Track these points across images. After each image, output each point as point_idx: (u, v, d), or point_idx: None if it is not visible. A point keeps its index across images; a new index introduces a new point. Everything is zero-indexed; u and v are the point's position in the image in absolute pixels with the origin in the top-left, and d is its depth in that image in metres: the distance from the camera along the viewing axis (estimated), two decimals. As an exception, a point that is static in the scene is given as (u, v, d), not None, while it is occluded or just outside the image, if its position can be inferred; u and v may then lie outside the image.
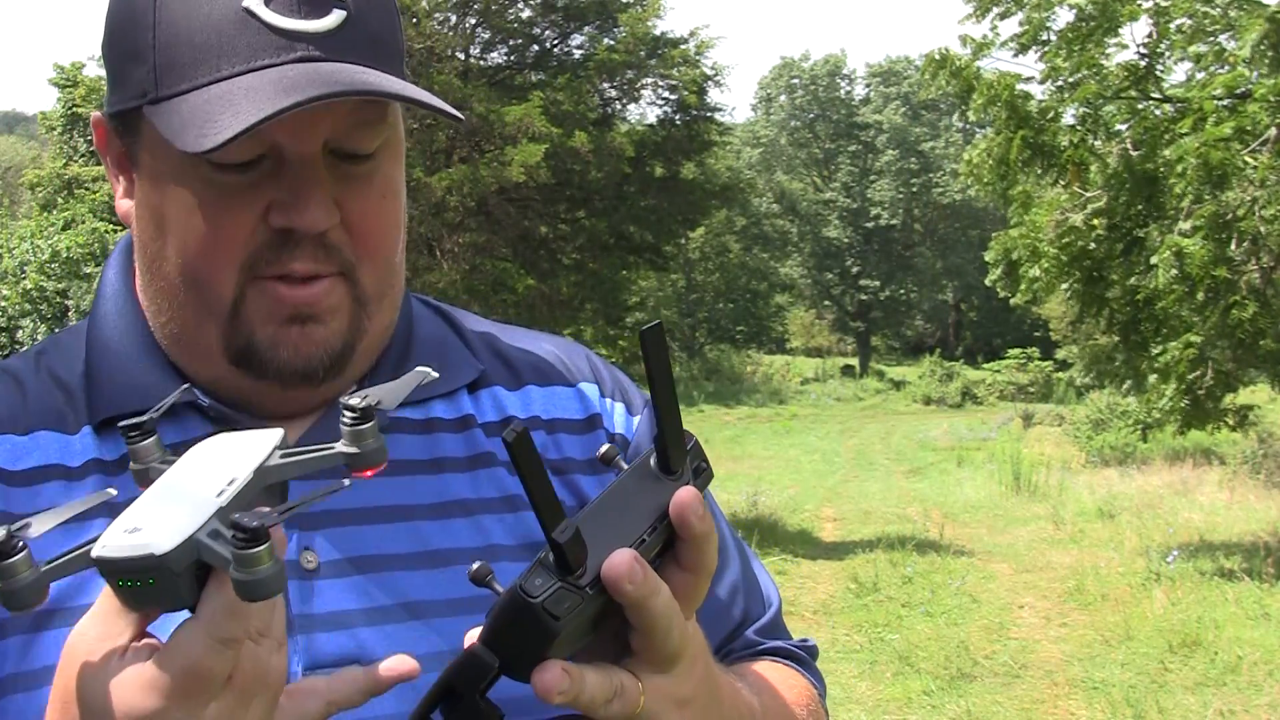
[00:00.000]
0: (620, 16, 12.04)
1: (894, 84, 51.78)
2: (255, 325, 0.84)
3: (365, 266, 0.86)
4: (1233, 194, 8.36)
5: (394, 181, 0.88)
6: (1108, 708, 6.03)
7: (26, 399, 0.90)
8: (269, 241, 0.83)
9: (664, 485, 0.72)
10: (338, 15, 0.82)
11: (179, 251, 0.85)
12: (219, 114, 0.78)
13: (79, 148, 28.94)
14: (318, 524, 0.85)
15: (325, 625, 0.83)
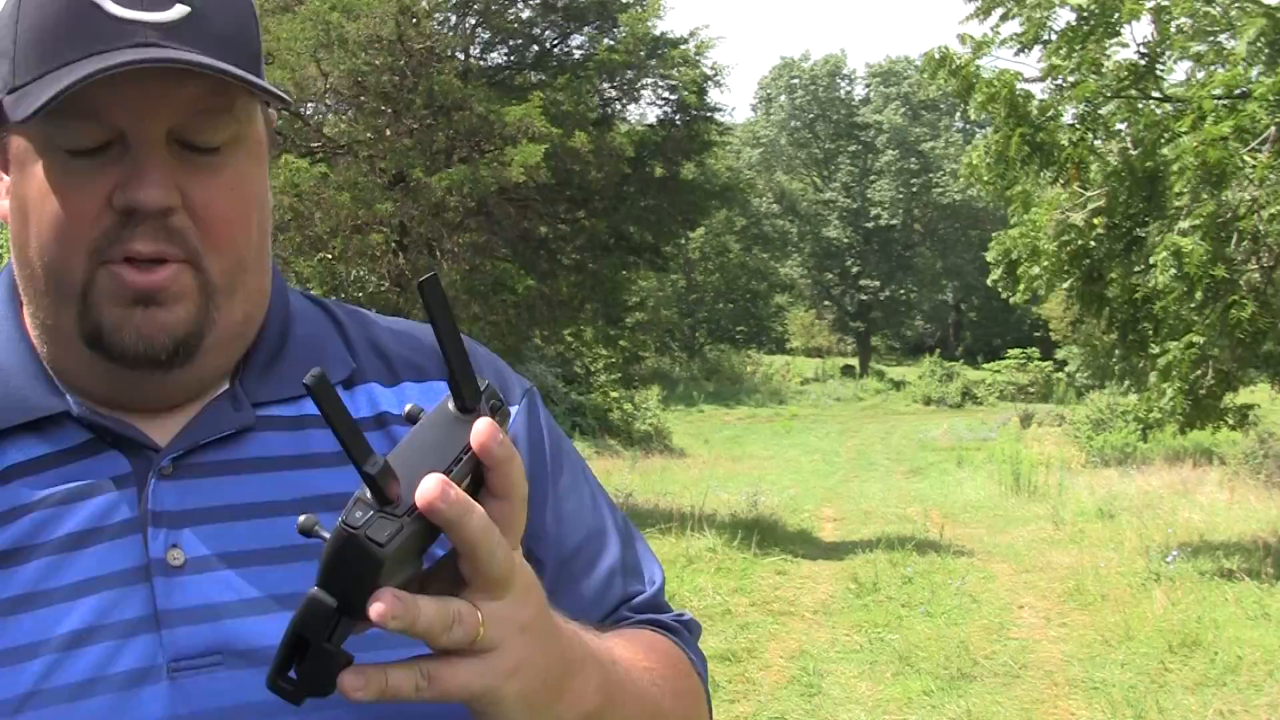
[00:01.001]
0: (620, 16, 12.04)
1: (894, 84, 51.81)
2: (102, 308, 0.86)
3: (212, 255, 0.88)
4: (1232, 193, 8.36)
5: (248, 178, 0.90)
6: (1108, 708, 6.03)
7: None
8: (113, 223, 0.85)
9: (464, 422, 0.75)
10: (180, 10, 0.85)
11: (36, 236, 0.88)
12: (46, 91, 0.82)
13: (79, 148, 29.04)
14: (184, 522, 0.87)
15: (189, 619, 0.85)
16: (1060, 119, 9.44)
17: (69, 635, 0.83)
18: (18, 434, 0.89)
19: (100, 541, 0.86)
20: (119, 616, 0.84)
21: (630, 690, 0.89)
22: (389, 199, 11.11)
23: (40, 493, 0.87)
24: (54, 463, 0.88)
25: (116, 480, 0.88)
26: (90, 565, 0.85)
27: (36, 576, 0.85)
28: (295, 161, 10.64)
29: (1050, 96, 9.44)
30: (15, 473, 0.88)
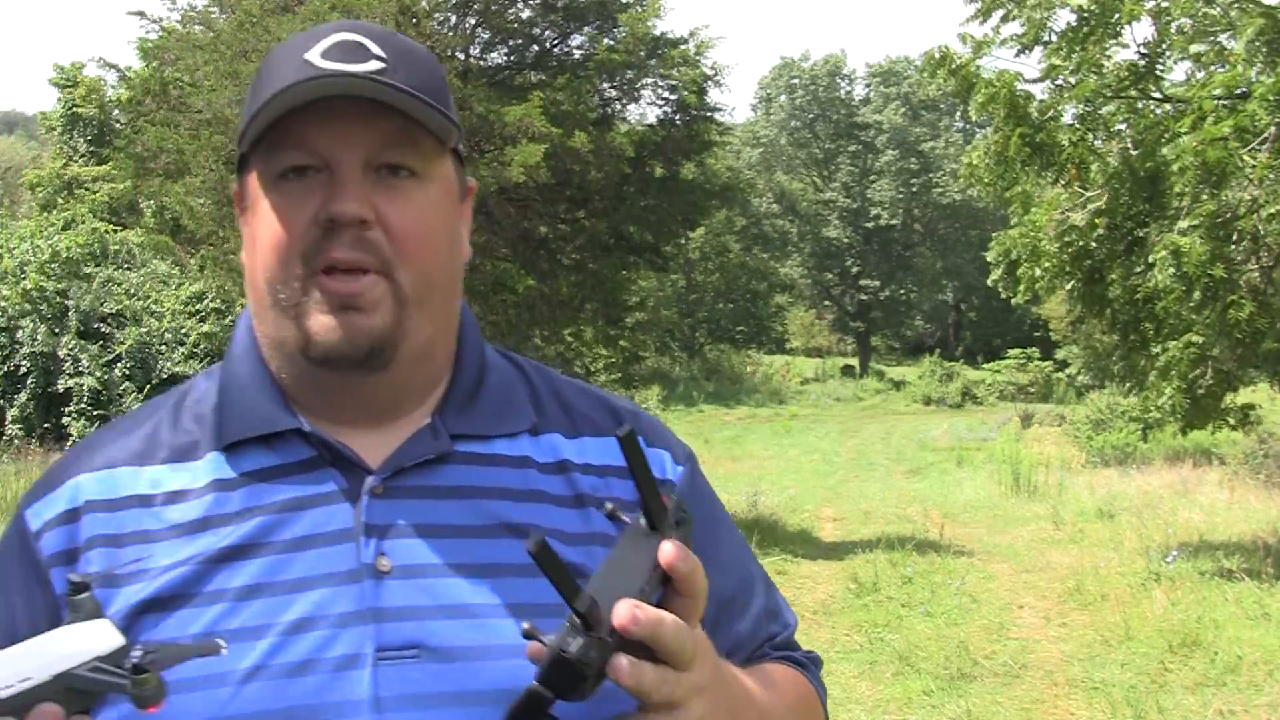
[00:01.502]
0: (620, 16, 12.03)
1: (894, 84, 51.78)
2: (312, 314, 1.02)
3: (403, 268, 1.02)
4: (1231, 193, 8.36)
5: (436, 207, 1.06)
6: (1108, 708, 6.03)
7: (159, 436, 1.10)
8: (318, 236, 1.01)
9: (653, 540, 0.91)
10: (376, 64, 1.01)
11: (260, 257, 1.04)
12: (262, 119, 1.01)
13: (79, 148, 28.91)
14: (391, 534, 1.03)
15: (394, 617, 1.00)
16: (1060, 119, 9.44)
17: (292, 623, 0.99)
18: (252, 446, 1.06)
19: (320, 546, 1.02)
20: (335, 610, 0.99)
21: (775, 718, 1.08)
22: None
23: (270, 499, 1.04)
24: (282, 474, 1.05)
25: (334, 495, 1.04)
26: (311, 565, 1.01)
27: (265, 570, 1.01)
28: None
29: (1050, 97, 9.43)
30: (250, 479, 1.05)
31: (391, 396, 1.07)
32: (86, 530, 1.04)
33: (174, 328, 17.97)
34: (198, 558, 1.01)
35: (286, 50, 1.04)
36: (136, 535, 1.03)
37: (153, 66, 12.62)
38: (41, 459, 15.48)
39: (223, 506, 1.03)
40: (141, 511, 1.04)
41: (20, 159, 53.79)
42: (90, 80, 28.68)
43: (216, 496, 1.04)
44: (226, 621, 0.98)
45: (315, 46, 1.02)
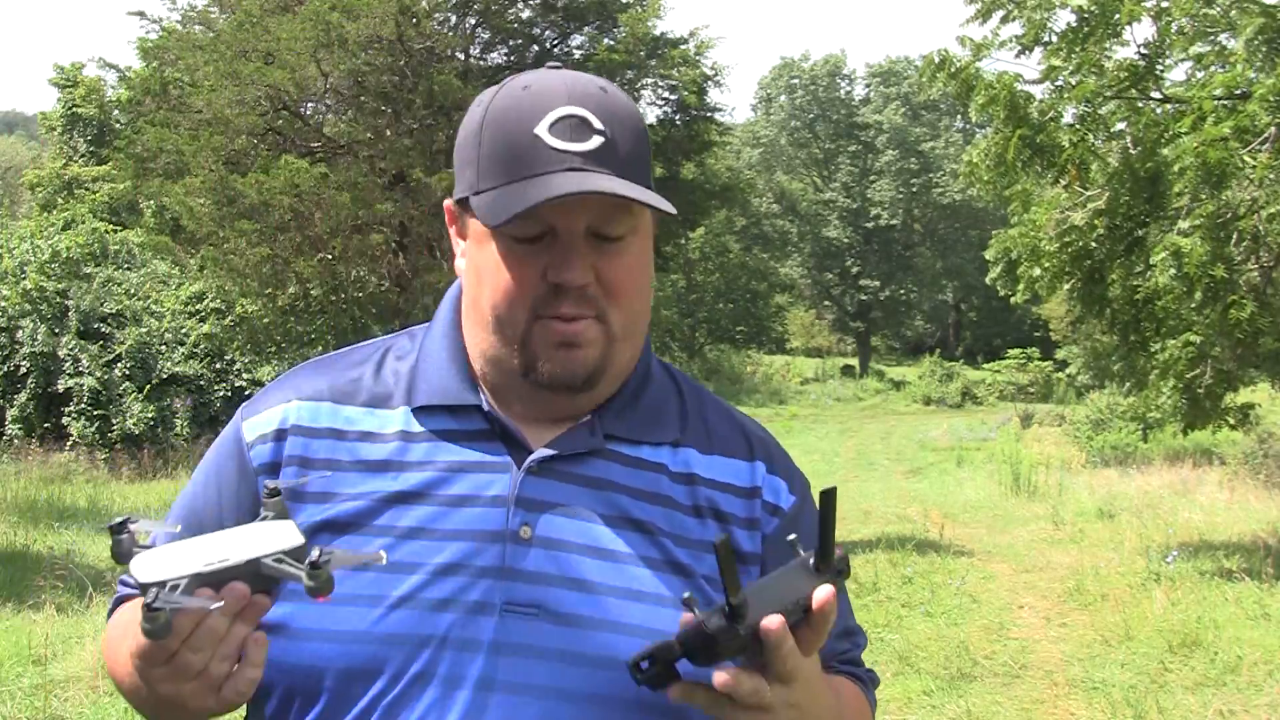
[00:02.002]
0: (620, 17, 12.03)
1: (894, 84, 51.76)
2: (539, 349, 1.21)
3: (614, 313, 1.22)
4: (1232, 193, 8.35)
5: (641, 260, 1.24)
6: (1108, 708, 6.03)
7: (362, 381, 1.31)
8: (546, 292, 1.20)
9: (813, 578, 1.10)
10: (598, 140, 1.18)
11: (489, 295, 1.23)
12: (510, 204, 1.16)
13: (79, 148, 28.88)
14: (538, 509, 1.22)
15: (524, 578, 1.19)
16: (1060, 120, 9.43)
17: (441, 565, 1.19)
18: (440, 411, 1.26)
19: (476, 506, 1.21)
20: (478, 562, 1.19)
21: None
22: (389, 199, 11.10)
23: (444, 457, 1.24)
24: (458, 438, 1.25)
25: (497, 465, 1.23)
26: (466, 521, 1.20)
27: (427, 517, 1.21)
28: (295, 161, 10.64)
29: (1050, 97, 9.42)
30: (431, 436, 1.25)
31: (581, 407, 1.27)
32: (288, 449, 1.26)
33: (174, 328, 17.96)
34: (375, 495, 1.22)
35: (518, 119, 1.19)
36: (325, 463, 1.24)
37: (153, 66, 12.61)
38: (42, 459, 15.49)
39: (404, 455, 1.24)
40: (335, 443, 1.25)
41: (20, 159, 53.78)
42: (90, 80, 28.66)
43: (401, 445, 1.24)
44: (390, 551, 1.17)
45: (544, 120, 1.18)
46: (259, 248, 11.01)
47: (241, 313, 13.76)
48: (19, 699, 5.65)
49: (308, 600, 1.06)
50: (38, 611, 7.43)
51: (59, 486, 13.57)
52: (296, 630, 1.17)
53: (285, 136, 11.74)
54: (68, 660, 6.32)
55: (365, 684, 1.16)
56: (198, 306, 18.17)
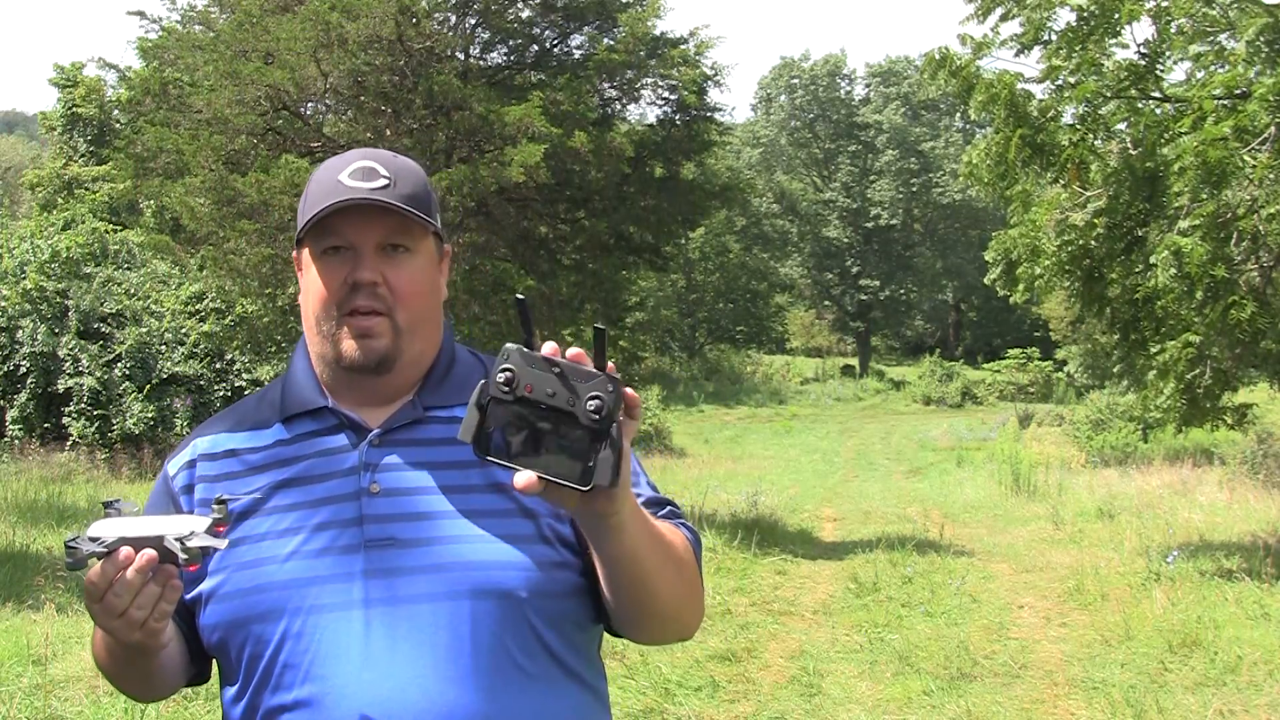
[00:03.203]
0: (620, 16, 12.02)
1: (894, 84, 51.75)
2: (343, 340, 1.62)
3: (400, 311, 1.62)
4: (1232, 193, 8.35)
5: (423, 271, 1.64)
6: (1108, 708, 6.03)
7: (246, 414, 1.72)
8: (346, 291, 1.60)
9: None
10: (383, 181, 1.61)
11: (312, 306, 1.64)
12: (311, 219, 1.61)
13: (79, 148, 28.87)
14: (381, 469, 1.60)
15: (378, 521, 1.56)
16: (1060, 119, 9.43)
17: (316, 524, 1.57)
18: (301, 417, 1.66)
19: (337, 478, 1.60)
20: (342, 517, 1.57)
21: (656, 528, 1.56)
22: (389, 199, 11.06)
23: (309, 449, 1.63)
24: (317, 434, 1.64)
25: (347, 446, 1.62)
26: (330, 489, 1.59)
27: (302, 493, 1.60)
28: (295, 161, 10.63)
29: (1050, 97, 9.42)
30: (299, 438, 1.65)
31: (390, 388, 1.65)
32: (199, 471, 1.67)
33: (174, 328, 17.96)
34: (264, 486, 1.61)
35: (327, 171, 1.64)
36: (226, 475, 1.65)
37: (153, 66, 12.60)
38: (42, 459, 15.48)
39: (280, 455, 1.64)
40: (230, 460, 1.66)
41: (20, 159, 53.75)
42: (90, 80, 28.64)
43: (277, 449, 1.65)
44: (278, 525, 1.57)
45: (345, 170, 1.62)
46: (259, 248, 11.01)
47: (241, 313, 13.75)
48: (19, 699, 5.64)
49: (230, 569, 1.56)
50: (37, 611, 7.43)
51: (59, 486, 13.58)
52: (220, 595, 1.57)
53: (285, 136, 11.73)
54: (68, 660, 6.32)
55: (276, 622, 1.53)
56: (198, 306, 18.17)
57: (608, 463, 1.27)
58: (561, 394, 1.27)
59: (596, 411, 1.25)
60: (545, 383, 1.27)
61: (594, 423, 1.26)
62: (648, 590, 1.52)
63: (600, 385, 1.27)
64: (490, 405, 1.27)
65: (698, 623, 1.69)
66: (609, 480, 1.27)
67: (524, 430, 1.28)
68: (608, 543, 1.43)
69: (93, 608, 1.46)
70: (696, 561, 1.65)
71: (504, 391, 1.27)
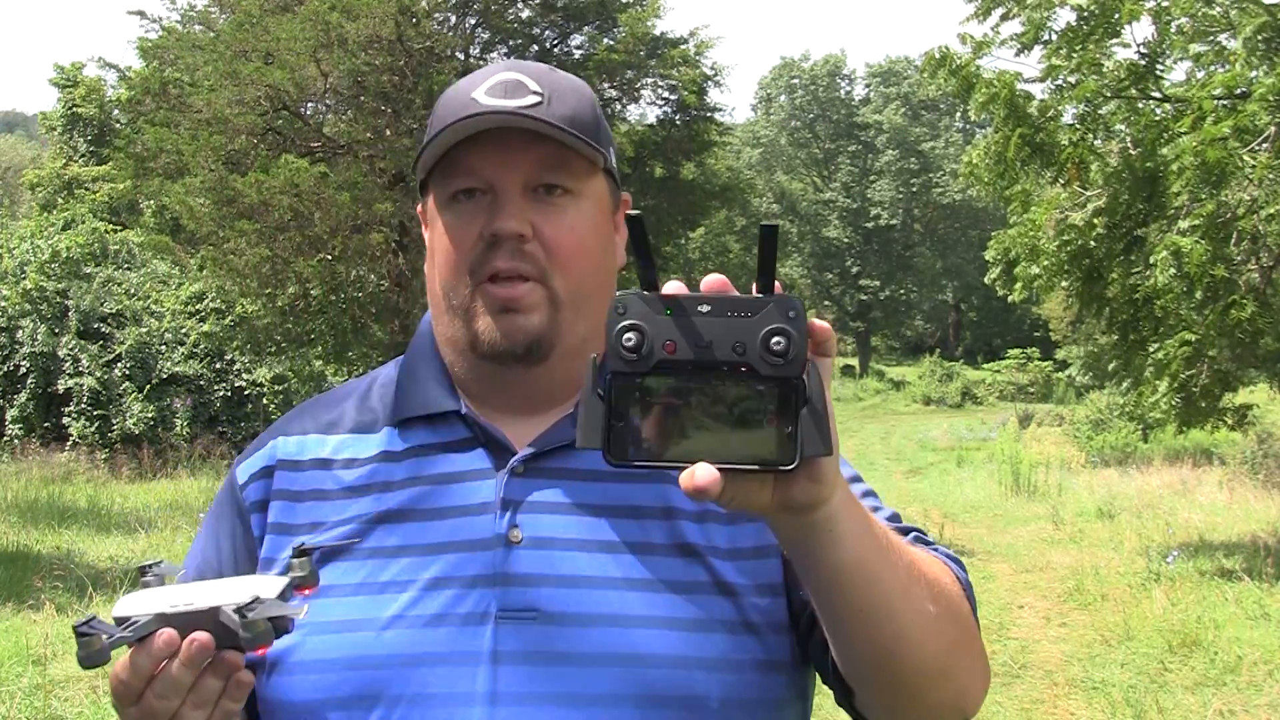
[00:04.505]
0: (620, 16, 12.03)
1: (894, 84, 51.77)
2: (478, 316, 1.18)
3: (557, 274, 1.17)
4: (1231, 193, 8.35)
5: (587, 222, 1.20)
6: (1108, 708, 6.03)
7: (347, 410, 1.28)
8: (483, 249, 1.17)
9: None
10: (533, 98, 1.16)
11: (440, 271, 1.21)
12: (434, 150, 1.18)
13: (79, 148, 28.87)
14: (526, 509, 1.16)
15: (518, 582, 1.13)
16: (1060, 119, 9.43)
17: (430, 580, 1.14)
18: (420, 424, 1.23)
19: (462, 515, 1.16)
20: (468, 572, 1.13)
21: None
22: (389, 199, 11.10)
23: (426, 471, 1.19)
24: (440, 450, 1.21)
25: (481, 471, 1.18)
26: (452, 531, 1.16)
27: (412, 533, 1.16)
28: (295, 161, 10.63)
29: (1050, 97, 9.42)
30: (412, 453, 1.21)
31: (547, 388, 1.21)
32: (275, 484, 1.23)
33: (174, 328, 17.96)
34: (361, 517, 1.18)
35: (457, 90, 1.20)
36: (313, 493, 1.21)
37: (153, 66, 12.61)
38: (42, 459, 15.49)
39: (387, 475, 1.20)
40: (321, 473, 1.22)
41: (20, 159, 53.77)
42: (90, 80, 28.65)
43: (383, 466, 1.21)
44: (377, 574, 1.15)
45: (482, 85, 1.18)
46: (259, 248, 11.01)
47: (241, 313, 13.75)
48: (19, 699, 5.65)
49: (307, 630, 1.11)
50: (37, 611, 7.43)
51: (59, 486, 13.57)
52: (292, 664, 1.13)
53: (285, 136, 11.73)
54: (67, 660, 6.31)
55: (364, 711, 1.10)
56: (198, 306, 18.17)
57: (812, 422, 0.86)
58: (722, 341, 0.86)
59: (782, 353, 0.85)
60: (692, 331, 0.86)
61: (780, 368, 0.85)
62: (892, 625, 0.99)
63: (774, 314, 0.86)
64: (616, 386, 0.85)
65: (981, 689, 1.11)
66: (822, 447, 0.86)
67: (675, 410, 0.85)
68: (824, 551, 0.94)
69: (127, 714, 1.03)
70: (968, 598, 1.11)
71: (632, 359, 0.85)
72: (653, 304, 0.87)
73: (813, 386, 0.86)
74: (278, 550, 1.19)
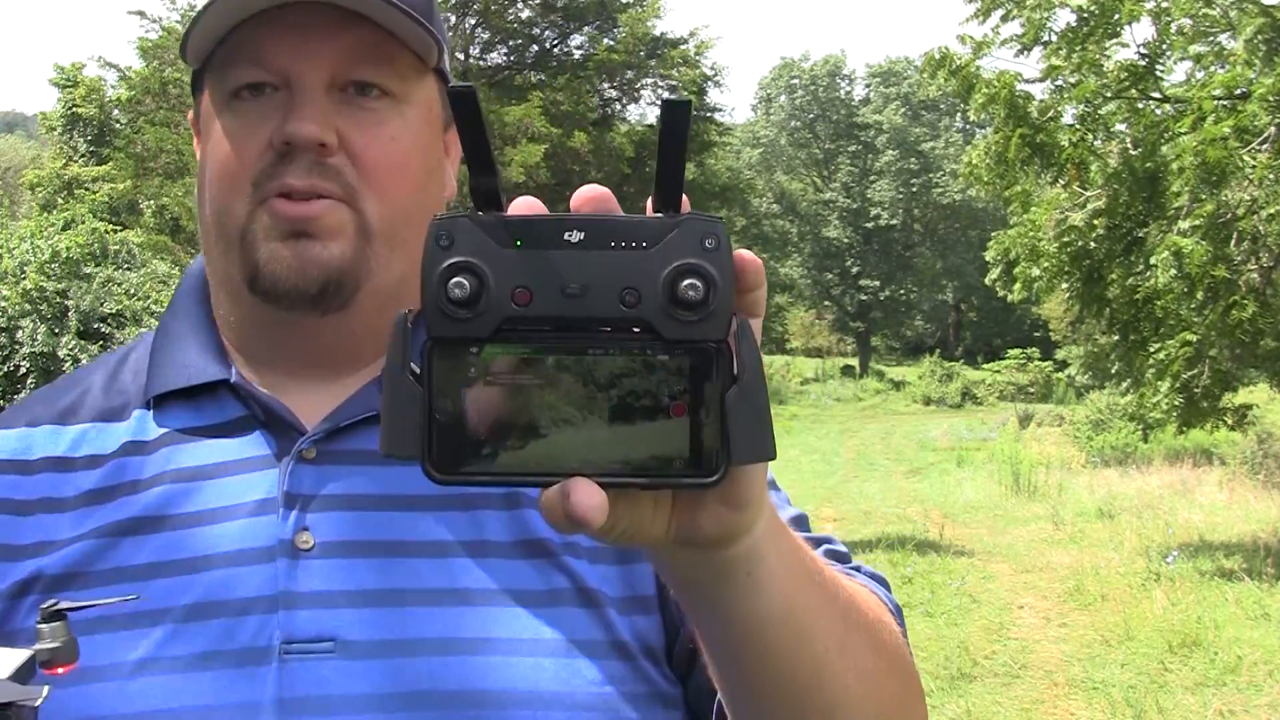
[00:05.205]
0: (620, 16, 12.04)
1: (894, 84, 51.78)
2: (259, 243, 0.88)
3: (369, 197, 0.89)
4: (1231, 193, 8.36)
5: (414, 135, 0.91)
6: (1108, 708, 6.03)
7: (92, 392, 0.97)
8: (271, 160, 0.88)
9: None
10: None
11: (210, 185, 0.92)
12: (202, 25, 0.89)
13: (79, 148, 28.91)
14: (318, 506, 0.87)
15: (308, 603, 0.84)
16: (1060, 120, 9.44)
17: (188, 607, 0.84)
18: (176, 402, 0.93)
19: (232, 518, 0.87)
20: (240, 593, 0.84)
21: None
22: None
23: (185, 463, 0.89)
24: (203, 434, 0.91)
25: (258, 460, 0.89)
26: (218, 540, 0.86)
27: (167, 545, 0.86)
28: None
29: (1050, 97, 9.43)
30: (168, 440, 0.91)
31: (349, 346, 0.92)
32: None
33: (174, 328, 17.99)
34: (99, 530, 0.87)
35: None
36: (45, 503, 0.89)
37: (153, 66, 12.63)
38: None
39: (133, 472, 0.89)
40: (55, 476, 0.90)
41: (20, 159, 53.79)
42: (90, 80, 28.68)
43: (130, 460, 0.90)
44: (125, 603, 0.82)
45: None
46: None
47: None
48: (19, 699, 5.65)
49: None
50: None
51: (59, 486, 13.58)
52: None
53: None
54: (67, 660, 6.32)
55: None
56: (198, 306, 18.19)
57: (746, 411, 0.57)
58: (603, 286, 0.56)
59: (697, 303, 0.57)
60: (554, 272, 0.56)
61: (693, 327, 0.57)
62: (825, 692, 0.72)
63: (683, 243, 0.58)
64: (439, 360, 0.56)
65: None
66: (760, 448, 0.57)
67: (530, 393, 0.56)
68: (738, 601, 0.66)
69: None
70: (903, 634, 0.84)
71: (464, 317, 0.56)
72: (494, 230, 0.57)
73: (745, 355, 0.59)
74: (3, 581, 0.87)
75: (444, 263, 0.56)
